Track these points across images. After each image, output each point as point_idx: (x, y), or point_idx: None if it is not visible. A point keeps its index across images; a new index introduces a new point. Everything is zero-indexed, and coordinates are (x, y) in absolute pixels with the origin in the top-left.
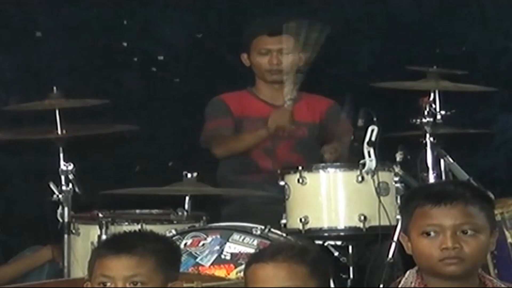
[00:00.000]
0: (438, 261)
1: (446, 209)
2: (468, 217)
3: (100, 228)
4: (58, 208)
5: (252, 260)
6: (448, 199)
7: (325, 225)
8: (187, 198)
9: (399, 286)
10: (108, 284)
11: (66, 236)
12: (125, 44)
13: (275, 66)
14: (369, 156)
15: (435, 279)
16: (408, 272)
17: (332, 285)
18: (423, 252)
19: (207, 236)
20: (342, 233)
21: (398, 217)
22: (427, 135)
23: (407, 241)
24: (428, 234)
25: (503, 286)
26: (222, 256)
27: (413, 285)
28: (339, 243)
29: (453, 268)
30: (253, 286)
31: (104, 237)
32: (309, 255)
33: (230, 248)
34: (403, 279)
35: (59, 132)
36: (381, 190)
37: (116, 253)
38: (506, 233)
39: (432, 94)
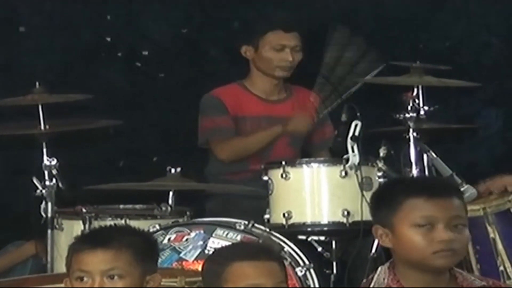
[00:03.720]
0: (432, 254)
1: (440, 202)
2: (458, 210)
3: (84, 223)
4: (41, 203)
5: (232, 258)
6: (440, 192)
7: (309, 220)
8: (170, 193)
9: (372, 283)
10: (85, 279)
11: (49, 231)
12: (108, 39)
13: (288, 63)
14: (353, 151)
15: (414, 271)
16: (379, 268)
17: (315, 280)
18: (414, 244)
19: (191, 231)
20: (325, 228)
21: None
22: (411, 130)
23: (382, 232)
24: (421, 226)
25: (472, 278)
26: (206, 251)
27: (385, 281)
28: (322, 238)
29: (445, 261)
30: (242, 286)
31: None
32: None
33: (214, 243)
34: (375, 276)
35: (42, 127)
36: (365, 185)
37: (92, 248)
38: (488, 228)
39: (415, 89)
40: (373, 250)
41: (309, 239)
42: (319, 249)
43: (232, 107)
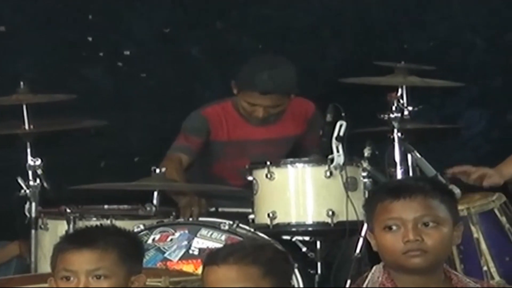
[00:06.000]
0: (402, 254)
1: (406, 202)
2: (428, 209)
3: (68, 223)
4: (25, 203)
5: (205, 262)
6: (407, 192)
7: (293, 220)
8: (155, 193)
9: (366, 281)
10: (71, 279)
11: (33, 231)
12: (90, 38)
13: (259, 118)
14: (338, 151)
15: (401, 273)
16: (374, 267)
17: (300, 280)
18: (386, 247)
19: (175, 231)
20: (310, 228)
21: None
22: (395, 131)
23: (372, 238)
24: (390, 228)
25: (467, 280)
26: (190, 251)
27: (379, 280)
28: (307, 238)
29: (416, 261)
30: None
31: None
32: (263, 256)
33: (198, 243)
34: (370, 274)
35: (27, 127)
36: (349, 185)
37: (78, 247)
38: (472, 228)
39: (400, 90)
40: (357, 251)
41: (293, 239)
42: (304, 249)
43: (216, 131)
